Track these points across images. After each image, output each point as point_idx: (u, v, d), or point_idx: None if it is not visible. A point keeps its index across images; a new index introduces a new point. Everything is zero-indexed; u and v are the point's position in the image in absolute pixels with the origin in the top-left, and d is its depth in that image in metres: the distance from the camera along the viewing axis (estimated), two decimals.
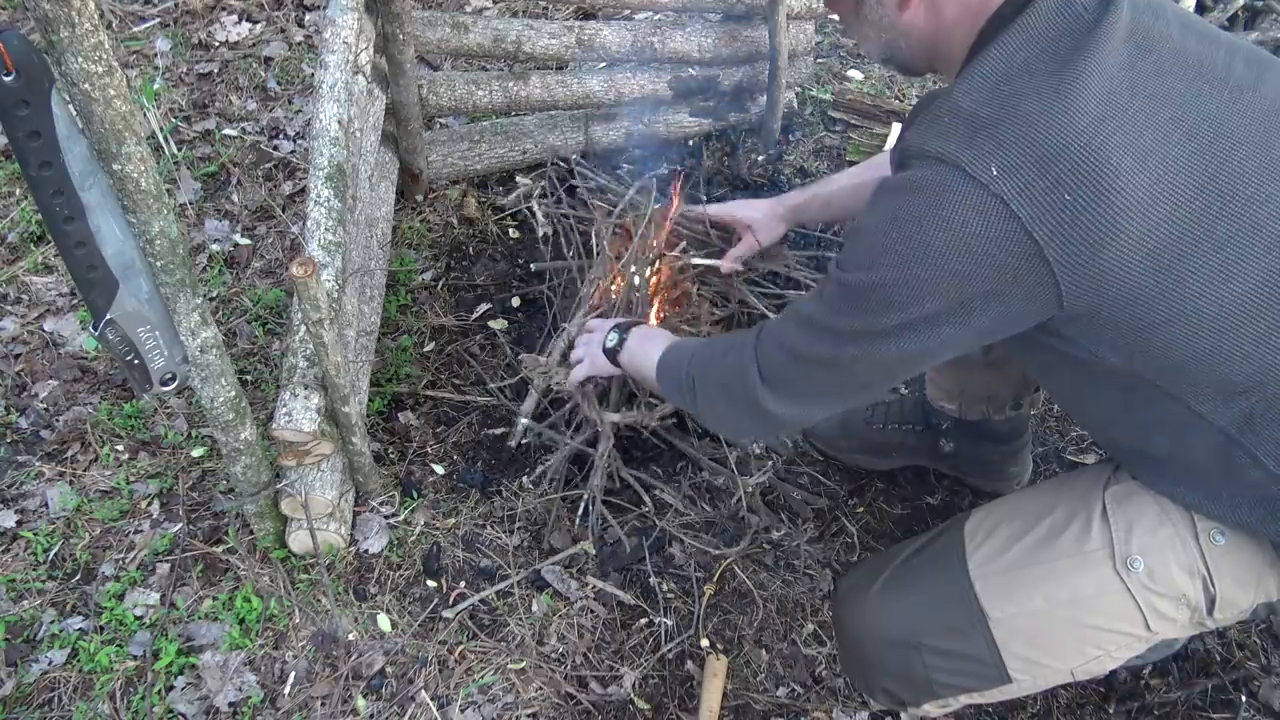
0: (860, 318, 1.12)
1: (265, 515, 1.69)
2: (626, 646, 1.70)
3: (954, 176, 1.01)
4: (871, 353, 1.14)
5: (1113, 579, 1.18)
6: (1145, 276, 1.02)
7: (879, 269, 1.08)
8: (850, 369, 1.17)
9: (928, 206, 1.03)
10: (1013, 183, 0.99)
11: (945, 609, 1.25)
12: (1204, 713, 1.62)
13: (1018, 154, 0.99)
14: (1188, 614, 1.19)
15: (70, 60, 0.99)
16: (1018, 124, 1.00)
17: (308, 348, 1.61)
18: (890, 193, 1.10)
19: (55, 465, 1.90)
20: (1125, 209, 0.99)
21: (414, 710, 1.59)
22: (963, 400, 1.76)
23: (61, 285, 2.26)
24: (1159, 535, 1.18)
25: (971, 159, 1.00)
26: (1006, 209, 0.99)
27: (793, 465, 1.96)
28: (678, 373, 1.45)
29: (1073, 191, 0.98)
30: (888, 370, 1.17)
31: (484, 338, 2.19)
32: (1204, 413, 1.09)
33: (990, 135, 1.01)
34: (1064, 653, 1.23)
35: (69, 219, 1.14)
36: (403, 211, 2.46)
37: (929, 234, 1.03)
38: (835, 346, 1.16)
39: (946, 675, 1.25)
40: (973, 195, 1.00)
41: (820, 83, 2.91)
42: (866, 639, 1.31)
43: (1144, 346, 1.07)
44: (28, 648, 1.64)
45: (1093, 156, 0.98)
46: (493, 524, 1.85)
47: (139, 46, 2.91)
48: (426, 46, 2.29)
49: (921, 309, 1.07)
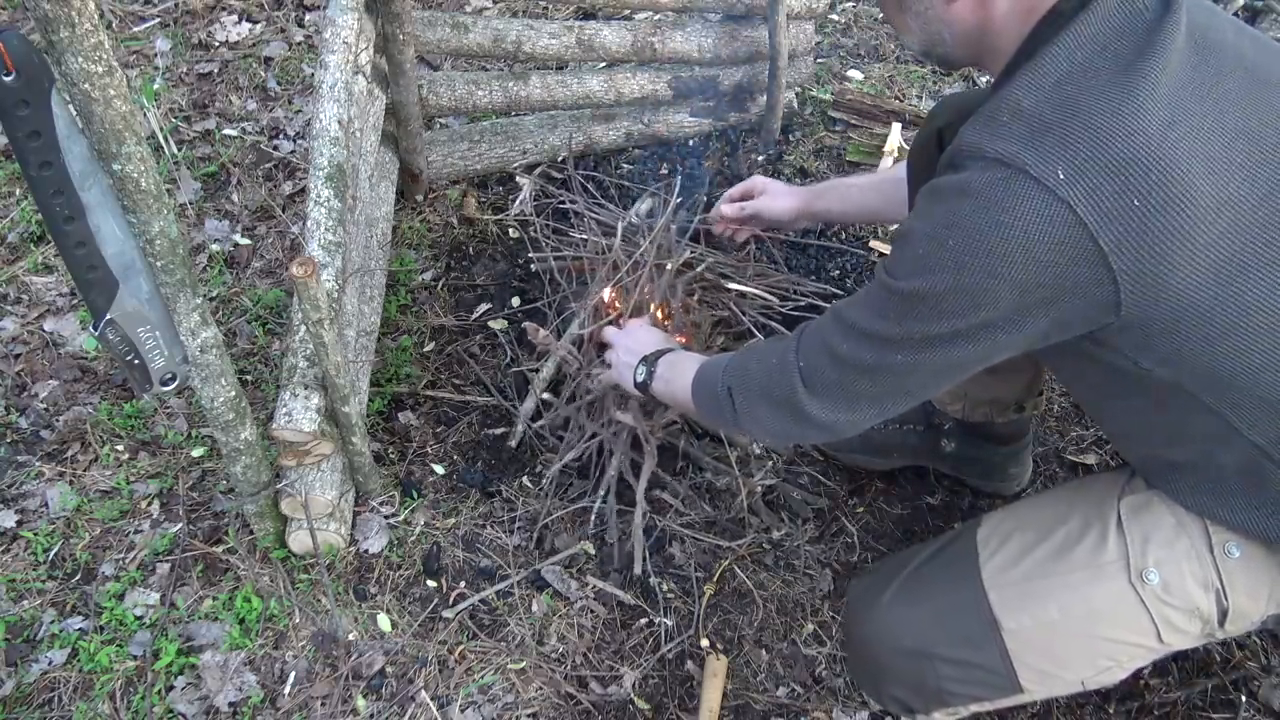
0: (910, 325, 1.08)
1: (265, 515, 1.69)
2: (626, 646, 1.70)
3: (1018, 181, 0.97)
4: (920, 360, 1.10)
5: (1127, 592, 1.17)
6: (1205, 288, 0.99)
7: (933, 276, 1.03)
8: (896, 376, 1.13)
9: (988, 211, 0.98)
10: (1080, 187, 0.95)
11: (958, 619, 1.24)
12: (1204, 713, 1.62)
13: (1085, 157, 0.95)
14: (1200, 626, 1.19)
15: (70, 60, 0.99)
16: (1084, 126, 0.96)
17: (308, 348, 1.61)
18: (944, 196, 1.04)
19: (55, 465, 1.90)
20: (1193, 218, 0.96)
21: (414, 710, 1.59)
22: (967, 402, 1.76)
23: (61, 285, 2.26)
24: (1175, 548, 1.17)
25: (1036, 161, 0.96)
26: (1073, 215, 0.95)
27: (793, 465, 1.96)
28: (712, 386, 1.38)
29: (1142, 198, 0.95)
30: (935, 376, 1.13)
31: (484, 338, 2.19)
32: (1241, 427, 1.08)
33: (1056, 138, 0.96)
34: (1076, 664, 1.23)
35: (69, 219, 1.14)
36: (403, 211, 2.46)
37: (989, 240, 0.98)
38: (881, 354, 1.12)
39: (958, 685, 1.24)
40: (1038, 200, 0.95)
41: (820, 83, 2.91)
42: (878, 647, 1.30)
43: (1194, 358, 1.04)
44: (28, 648, 1.64)
45: (1162, 162, 0.95)
46: (493, 524, 1.85)
47: (139, 46, 2.91)
48: (426, 46, 2.29)
49: (977, 317, 1.03)
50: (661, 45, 2.50)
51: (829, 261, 2.37)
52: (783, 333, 2.16)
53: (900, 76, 2.99)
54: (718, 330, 2.16)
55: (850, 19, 3.26)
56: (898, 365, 1.11)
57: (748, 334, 2.17)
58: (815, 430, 1.23)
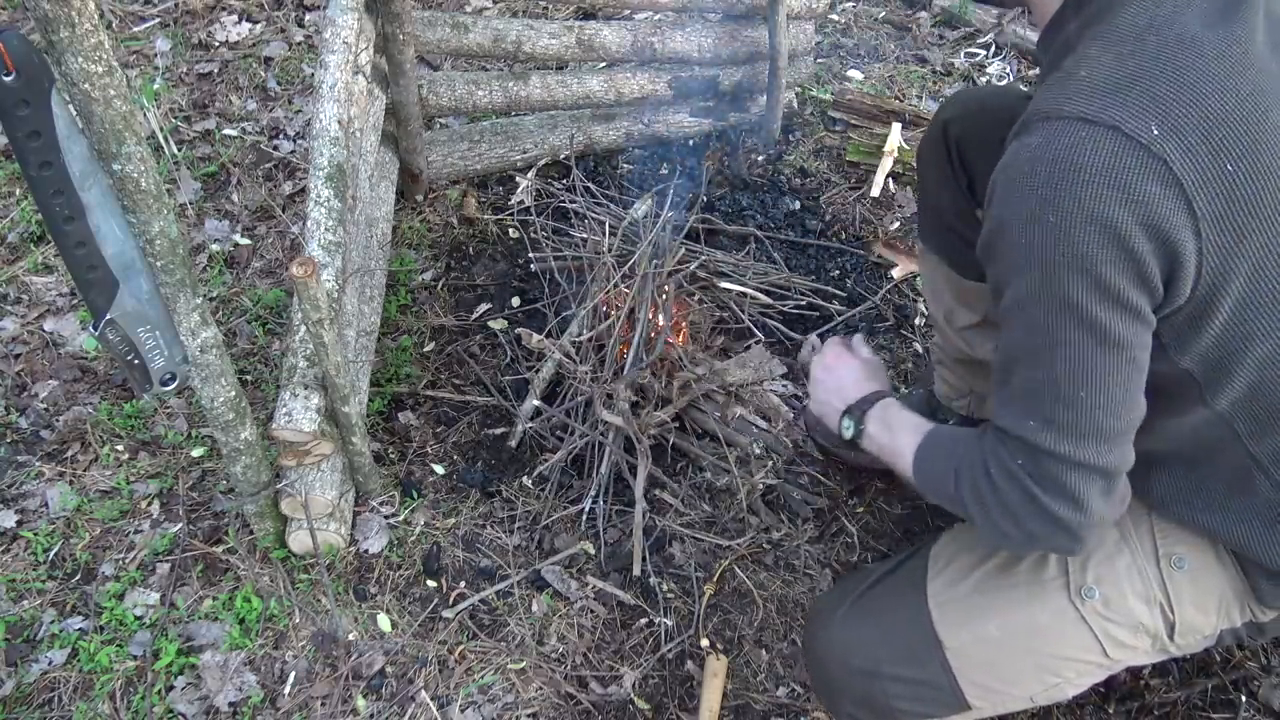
0: (1052, 316, 0.95)
1: (265, 515, 1.69)
2: (626, 646, 1.70)
3: (1107, 137, 0.88)
4: (1079, 345, 0.96)
5: (1067, 608, 1.16)
6: (1265, 278, 0.94)
7: (1046, 256, 0.92)
8: (1079, 373, 0.98)
9: (1077, 170, 0.88)
10: (1177, 144, 0.87)
11: (902, 636, 1.23)
12: (1204, 713, 1.62)
13: (1180, 113, 0.87)
14: (1149, 641, 1.18)
15: (70, 60, 1.00)
16: (1175, 80, 0.88)
17: (308, 348, 1.61)
18: (1023, 172, 0.93)
19: (55, 465, 1.90)
20: (1273, 194, 0.90)
21: (414, 710, 1.59)
22: (972, 399, 1.76)
23: (61, 285, 2.26)
24: (1115, 564, 1.17)
25: (1126, 117, 0.87)
26: (1170, 173, 0.87)
27: (793, 465, 1.96)
28: (943, 484, 1.18)
29: (1234, 162, 0.88)
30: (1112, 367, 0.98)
31: (484, 338, 2.19)
32: (1246, 438, 1.05)
33: (1144, 90, 0.88)
34: (1021, 680, 1.21)
35: (69, 219, 1.14)
36: (403, 211, 2.46)
37: (1088, 207, 0.88)
38: (1049, 363, 0.98)
39: (906, 702, 1.23)
40: (1130, 157, 0.87)
41: (820, 83, 2.91)
42: (831, 665, 1.28)
43: (1225, 357, 0.99)
44: (28, 648, 1.64)
45: (1255, 128, 0.89)
46: (493, 524, 1.85)
47: (139, 46, 2.91)
48: (426, 46, 2.29)
49: (1098, 278, 0.91)
50: (661, 45, 2.51)
51: (829, 261, 2.37)
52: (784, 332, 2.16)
53: (900, 76, 2.99)
54: (718, 330, 2.16)
55: (850, 19, 3.26)
56: (1066, 358, 0.97)
57: (747, 333, 2.17)
58: (1089, 484, 1.01)
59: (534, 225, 2.37)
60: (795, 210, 2.49)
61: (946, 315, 1.66)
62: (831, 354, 1.46)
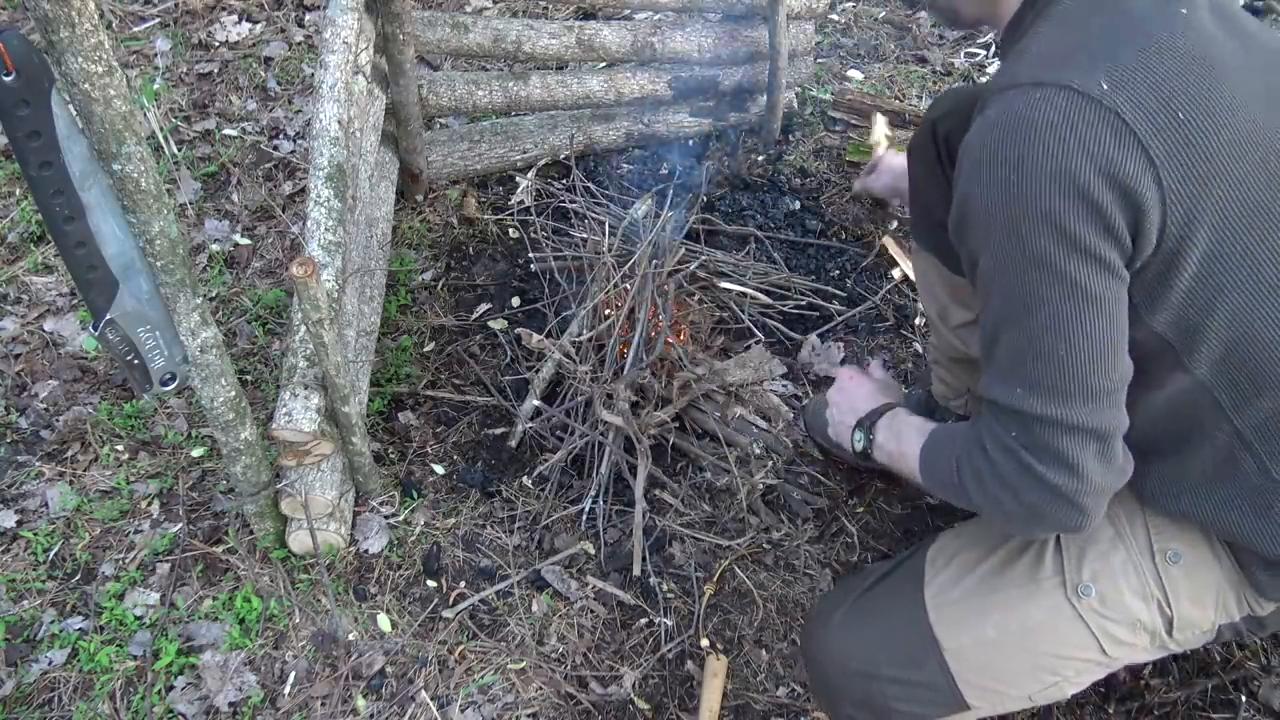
0: (1021, 272, 0.97)
1: (265, 515, 1.69)
2: (626, 646, 1.70)
3: (1059, 94, 0.92)
4: (1059, 295, 0.97)
5: (1064, 606, 1.17)
6: (1229, 228, 0.96)
7: (1013, 220, 0.95)
8: (1065, 325, 0.98)
9: (1037, 133, 0.92)
10: (1125, 95, 0.91)
11: (901, 639, 1.23)
12: (1204, 713, 1.62)
13: (1127, 68, 0.92)
14: (1147, 638, 1.18)
15: (70, 60, 1.00)
16: (1123, 42, 0.94)
17: (308, 348, 1.61)
18: (983, 142, 0.97)
19: (55, 465, 1.90)
20: (1230, 146, 0.93)
21: (414, 710, 1.59)
22: (969, 398, 1.76)
23: (61, 285, 2.26)
24: (1110, 561, 1.17)
25: (1075, 75, 0.92)
26: (1122, 122, 0.91)
27: (793, 465, 1.96)
28: (948, 476, 1.18)
29: (1186, 112, 0.91)
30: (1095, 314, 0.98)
31: (484, 338, 2.19)
32: (1229, 408, 1.05)
33: (1091, 53, 0.93)
34: (1020, 680, 1.22)
35: (69, 219, 1.14)
36: (403, 211, 2.46)
37: (1050, 163, 0.91)
38: (1027, 324, 1.00)
39: (904, 703, 1.23)
40: (1085, 110, 0.90)
41: (820, 83, 2.91)
42: (829, 667, 1.29)
43: (1200, 311, 1.00)
44: (28, 648, 1.64)
45: (1203, 79, 0.92)
46: (493, 524, 1.85)
47: (139, 46, 2.91)
48: (426, 46, 2.29)
49: (1064, 230, 0.93)
50: (661, 45, 2.51)
51: (829, 261, 2.37)
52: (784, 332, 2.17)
53: (900, 76, 2.99)
54: (718, 330, 2.16)
55: (850, 19, 3.26)
56: (1057, 311, 0.98)
57: (747, 333, 2.17)
58: (1074, 442, 1.01)
59: (534, 225, 2.37)
60: (795, 210, 2.49)
61: (941, 313, 1.66)
62: (846, 375, 1.50)
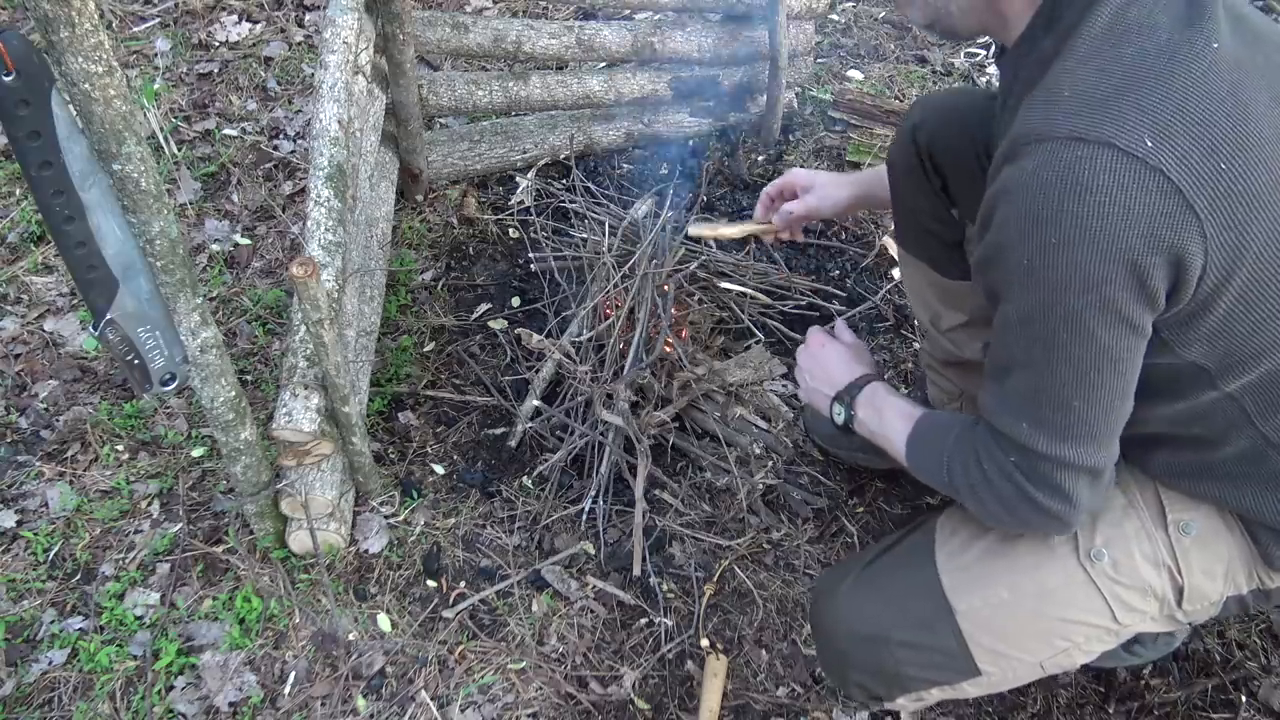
0: (1051, 329, 0.98)
1: (265, 515, 1.69)
2: (626, 646, 1.70)
3: (1103, 154, 0.90)
4: (1077, 353, 0.99)
5: (1077, 570, 1.18)
6: (1268, 262, 0.96)
7: (1050, 277, 0.95)
8: (1071, 379, 1.01)
9: (1079, 195, 0.90)
10: (1170, 152, 0.89)
11: (913, 603, 1.24)
12: (1204, 713, 1.62)
13: (1168, 120, 0.90)
14: (1156, 606, 1.19)
15: (70, 60, 0.99)
16: (1159, 88, 0.91)
17: (308, 348, 1.61)
18: (1022, 193, 0.95)
19: (55, 465, 1.90)
20: (1268, 186, 0.93)
21: (414, 710, 1.59)
22: (964, 401, 1.76)
23: (61, 285, 2.26)
24: (1124, 527, 1.18)
25: (1118, 131, 0.90)
26: (1168, 181, 0.89)
27: (793, 465, 1.96)
28: (937, 473, 1.22)
29: (1228, 160, 0.91)
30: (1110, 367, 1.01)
31: (484, 338, 2.19)
32: (1257, 417, 1.06)
33: (1132, 103, 0.91)
34: (1031, 645, 1.23)
35: (69, 219, 1.14)
36: (403, 211, 2.46)
37: (1089, 226, 0.90)
38: (1048, 373, 1.01)
39: (915, 668, 1.24)
40: (1128, 173, 0.89)
41: (820, 83, 2.91)
42: (838, 634, 1.29)
43: (1233, 342, 1.01)
44: (28, 648, 1.64)
45: (1240, 124, 0.92)
46: (493, 524, 1.85)
47: (139, 46, 2.91)
48: (426, 46, 2.29)
49: (1112, 303, 0.94)
50: (661, 45, 2.51)
51: (829, 261, 2.37)
52: (784, 332, 2.16)
53: (900, 76, 2.99)
54: (718, 330, 2.16)
55: (850, 19, 3.26)
56: (1076, 366, 1.00)
57: (747, 333, 2.17)
58: (1066, 477, 1.06)
59: (534, 225, 2.37)
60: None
61: (933, 319, 1.66)
62: (815, 340, 1.48)
